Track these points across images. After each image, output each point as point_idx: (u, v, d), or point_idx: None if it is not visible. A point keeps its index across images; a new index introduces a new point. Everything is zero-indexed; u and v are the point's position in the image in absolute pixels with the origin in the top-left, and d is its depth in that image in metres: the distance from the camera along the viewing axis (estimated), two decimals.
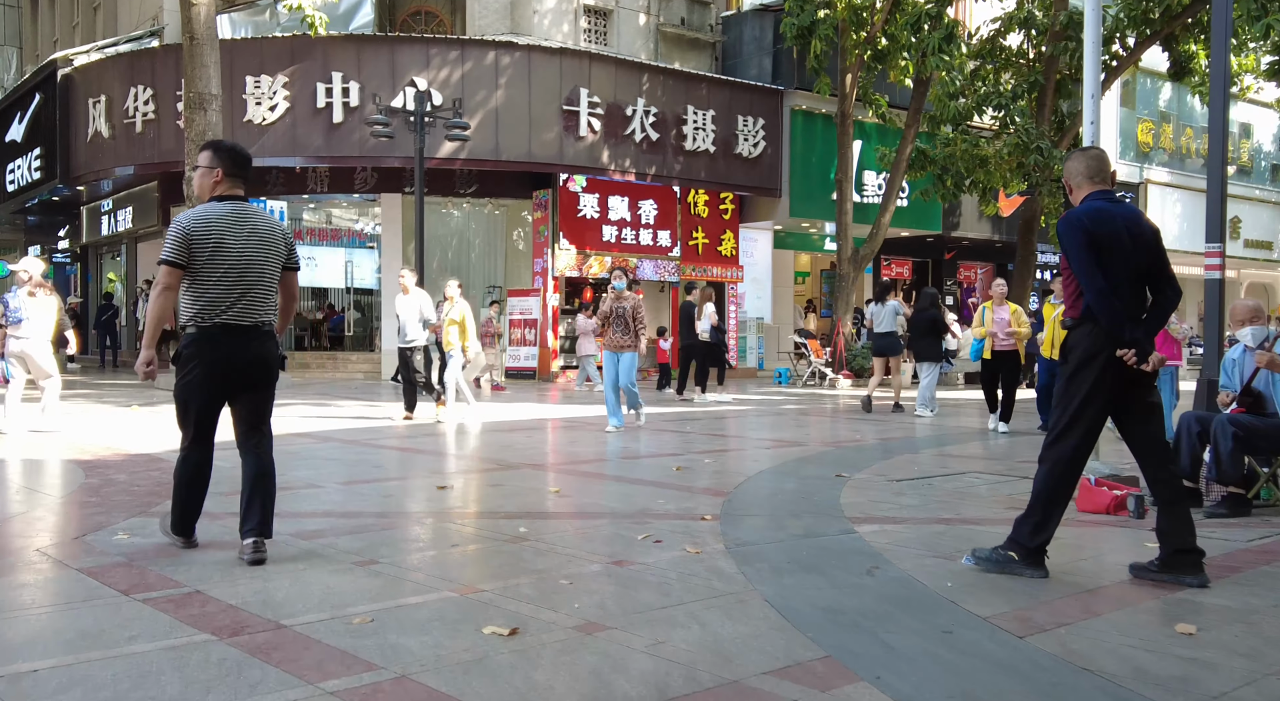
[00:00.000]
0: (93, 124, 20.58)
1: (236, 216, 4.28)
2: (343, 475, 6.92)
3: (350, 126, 18.79)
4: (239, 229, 4.25)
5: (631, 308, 10.14)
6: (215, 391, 4.32)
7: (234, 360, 4.27)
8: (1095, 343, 3.94)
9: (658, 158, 20.65)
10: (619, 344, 10.10)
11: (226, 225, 4.23)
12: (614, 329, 10.09)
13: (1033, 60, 21.08)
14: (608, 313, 10.17)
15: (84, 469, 7.11)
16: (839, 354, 19.27)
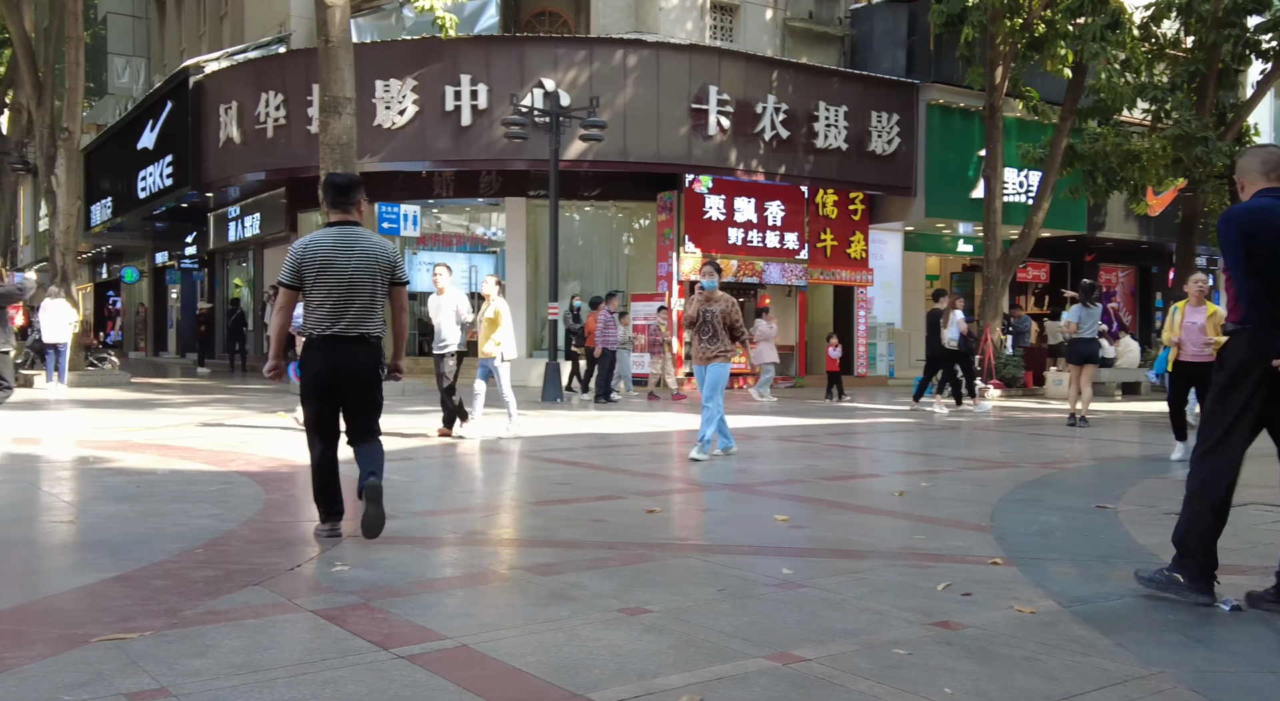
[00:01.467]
0: (224, 130, 20.80)
1: (342, 239, 4.72)
2: (525, 493, 6.40)
3: (478, 129, 18.54)
4: (344, 251, 4.68)
5: (722, 311, 8.31)
6: (325, 396, 4.78)
7: (338, 368, 4.72)
8: (1252, 351, 3.71)
9: (787, 156, 19.89)
10: (708, 354, 8.33)
11: (332, 248, 4.68)
12: (701, 336, 8.40)
13: (1192, 49, 19.64)
14: (694, 317, 8.41)
15: (258, 482, 6.75)
16: (987, 362, 18.19)
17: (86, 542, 4.78)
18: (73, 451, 8.45)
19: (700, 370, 8.44)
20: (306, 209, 22.58)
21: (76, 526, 5.22)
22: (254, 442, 9.22)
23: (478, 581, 4.03)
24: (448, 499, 6.33)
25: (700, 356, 8.42)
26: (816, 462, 8.44)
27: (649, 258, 20.82)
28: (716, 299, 8.40)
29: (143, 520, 5.37)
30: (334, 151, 16.15)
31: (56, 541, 4.93)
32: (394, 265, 4.83)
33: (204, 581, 4.00)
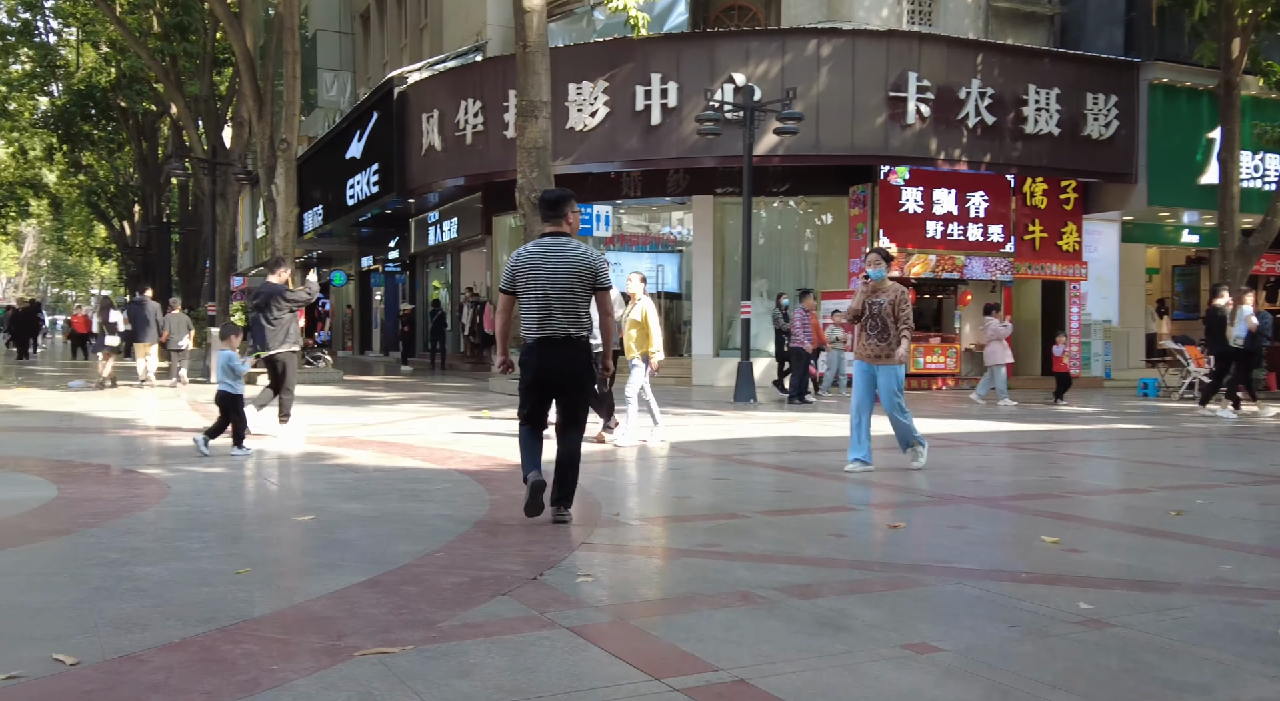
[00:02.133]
0: (425, 138, 21.57)
1: (549, 249, 5.17)
2: (747, 501, 6.08)
3: (668, 128, 18.41)
4: (551, 259, 5.13)
5: (891, 302, 7.34)
6: (538, 390, 5.23)
7: (548, 366, 5.15)
8: None
9: (993, 143, 18.75)
10: (876, 351, 7.37)
11: (541, 257, 5.15)
12: (868, 331, 7.44)
13: None
14: (859, 310, 7.50)
15: (479, 482, 6.73)
16: None
17: (330, 542, 4.79)
18: (300, 447, 8.76)
19: (864, 369, 7.42)
20: (501, 212, 23.16)
21: (317, 524, 5.28)
22: (465, 441, 9.32)
23: (732, 602, 3.72)
24: (668, 505, 6.09)
25: (866, 353, 7.44)
26: (1060, 474, 7.72)
27: (839, 254, 20.13)
28: (884, 289, 7.45)
29: (378, 520, 5.39)
30: (530, 155, 16.39)
31: (301, 540, 4.98)
32: (596, 271, 5.20)
33: (452, 589, 3.88)
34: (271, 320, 9.16)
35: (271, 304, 9.17)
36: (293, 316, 9.33)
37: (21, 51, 38.63)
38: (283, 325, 9.20)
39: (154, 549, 4.60)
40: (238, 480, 6.97)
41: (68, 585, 3.91)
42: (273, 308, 9.17)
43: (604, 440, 9.24)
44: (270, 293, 9.20)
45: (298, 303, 9.36)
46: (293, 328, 9.33)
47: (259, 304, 9.23)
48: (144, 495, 6.25)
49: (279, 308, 9.19)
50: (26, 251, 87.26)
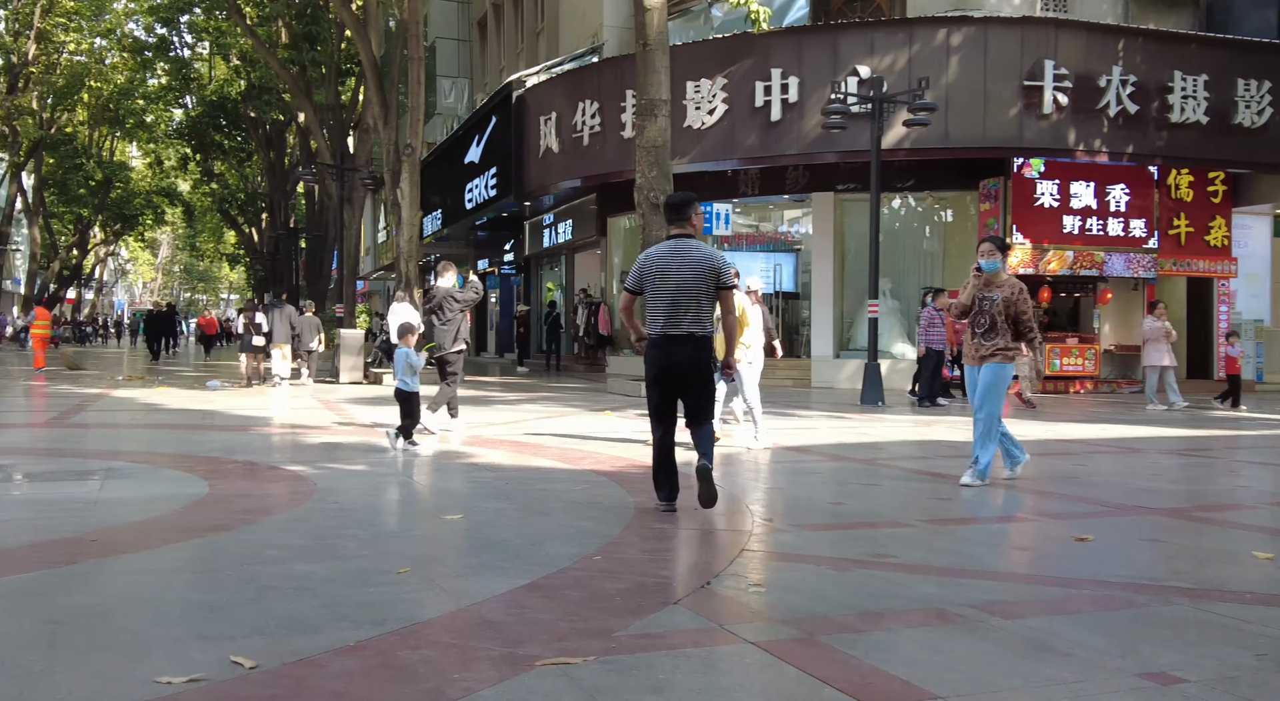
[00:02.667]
0: (543, 140, 21.69)
1: (674, 251, 5.38)
2: (907, 507, 5.73)
3: (788, 123, 18.03)
4: (676, 260, 5.34)
5: (1005, 298, 6.55)
6: (662, 385, 5.44)
7: (671, 362, 5.36)
8: None
9: (1136, 133, 17.75)
10: (981, 351, 6.60)
11: (667, 259, 5.36)
12: (975, 329, 6.67)
13: None
14: (968, 305, 6.71)
15: (617, 483, 6.55)
16: None
17: (485, 543, 4.67)
18: (435, 446, 8.77)
19: (971, 372, 6.70)
20: (616, 214, 23.13)
21: (467, 523, 5.17)
22: (593, 442, 9.19)
23: (927, 619, 3.42)
24: (821, 511, 5.78)
25: (971, 354, 6.68)
26: (1245, 483, 7.10)
27: (965, 251, 19.36)
28: (999, 284, 6.64)
29: (527, 519, 5.25)
30: (649, 154, 16.23)
31: (454, 539, 4.88)
32: (719, 272, 5.36)
33: (619, 596, 3.68)
34: (444, 320, 9.50)
35: (444, 305, 9.50)
36: (463, 316, 9.71)
37: (158, 66, 40.68)
38: (454, 325, 9.54)
39: (313, 546, 4.55)
40: (379, 477, 6.97)
41: (236, 583, 3.87)
42: (445, 309, 9.51)
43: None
44: (442, 294, 9.54)
45: (467, 303, 9.72)
46: (463, 327, 9.72)
47: (432, 307, 9.59)
48: (292, 492, 6.28)
49: (450, 308, 9.52)
50: (161, 257, 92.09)
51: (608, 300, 23.73)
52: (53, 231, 48.80)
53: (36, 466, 7.35)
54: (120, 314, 78.03)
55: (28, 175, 43.45)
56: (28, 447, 8.54)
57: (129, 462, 7.59)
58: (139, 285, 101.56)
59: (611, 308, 23.78)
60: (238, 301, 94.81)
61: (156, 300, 33.49)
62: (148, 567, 4.15)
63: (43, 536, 4.77)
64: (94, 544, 4.65)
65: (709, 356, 5.44)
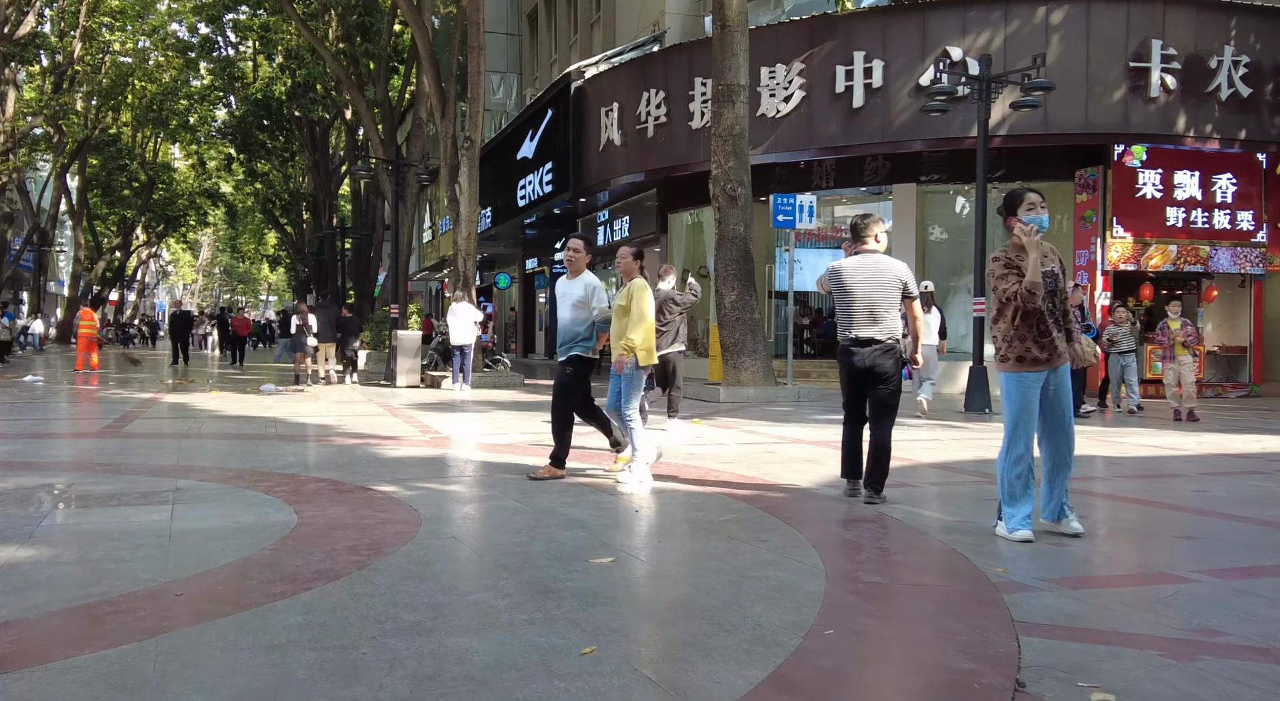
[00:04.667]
0: (604, 132, 20.75)
1: (866, 263, 5.85)
2: (1177, 553, 4.67)
3: (871, 110, 16.95)
4: (866, 271, 5.80)
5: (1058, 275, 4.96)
6: (852, 384, 5.94)
7: (859, 364, 5.81)
8: None
9: (1249, 118, 16.48)
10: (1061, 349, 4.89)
11: (854, 270, 5.86)
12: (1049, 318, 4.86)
13: None
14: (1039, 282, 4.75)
15: (762, 509, 5.56)
16: None
17: (667, 603, 3.71)
18: (531, 459, 7.81)
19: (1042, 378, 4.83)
20: (678, 209, 22.15)
21: (628, 573, 4.19)
22: (702, 454, 8.21)
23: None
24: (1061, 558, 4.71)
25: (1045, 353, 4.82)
26: None
27: (1062, 245, 18.14)
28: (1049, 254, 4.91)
29: (698, 566, 4.28)
30: (726, 143, 15.25)
31: (629, 598, 3.89)
32: (904, 282, 5.84)
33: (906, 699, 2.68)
34: (664, 323, 9.62)
35: (664, 308, 9.59)
36: (682, 318, 9.92)
37: (202, 65, 40.26)
38: (673, 327, 9.78)
39: (454, 605, 3.60)
40: (486, 501, 6.02)
41: (379, 668, 2.92)
42: (665, 312, 9.61)
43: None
44: (662, 298, 9.64)
45: (687, 306, 9.89)
46: (682, 329, 9.93)
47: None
48: (394, 521, 5.35)
49: (669, 311, 9.68)
50: (202, 259, 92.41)
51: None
52: (96, 233, 48.65)
53: (95, 486, 6.48)
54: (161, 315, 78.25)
55: (72, 177, 43.27)
56: (82, 461, 7.70)
57: (199, 481, 6.71)
58: (179, 287, 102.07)
59: None
60: (276, 303, 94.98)
61: (177, 301, 32.82)
62: (258, 642, 3.21)
63: (116, 586, 3.87)
64: (180, 598, 3.73)
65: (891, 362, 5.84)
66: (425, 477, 6.87)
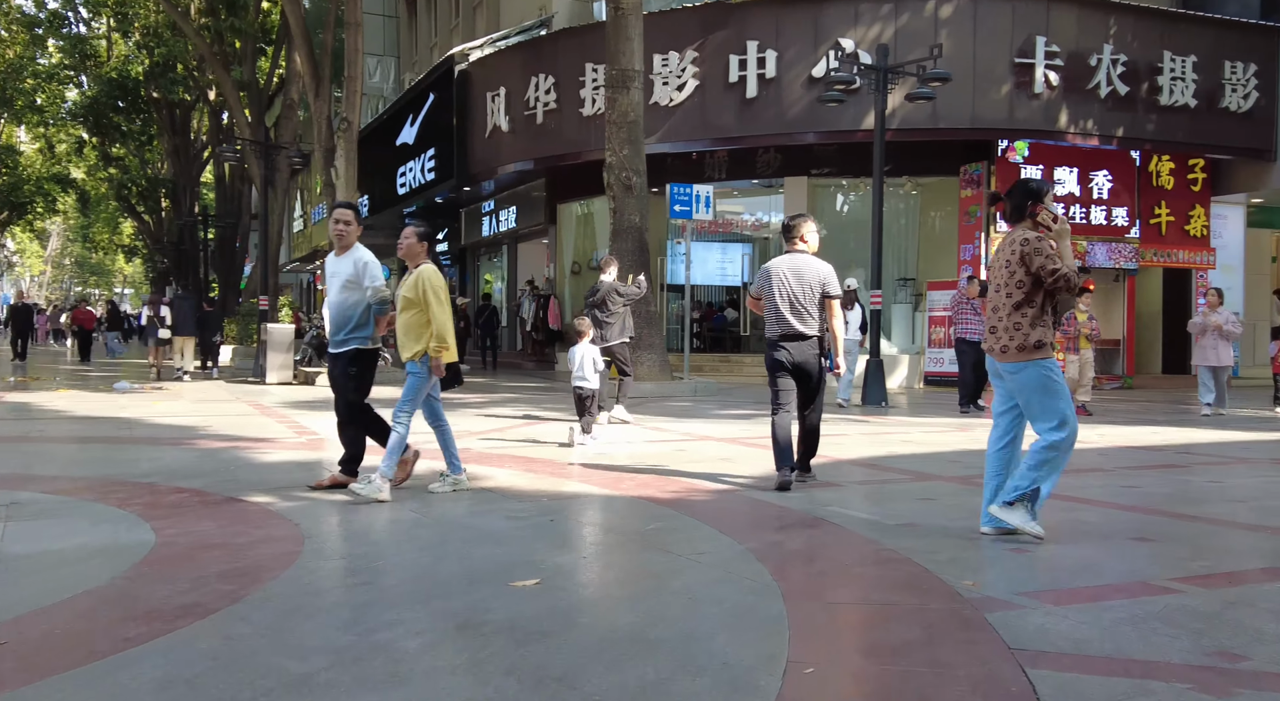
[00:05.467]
0: (491, 118, 19.97)
1: (792, 263, 6.11)
2: (1138, 558, 4.39)
3: (765, 101, 16.74)
4: (792, 270, 6.08)
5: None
6: (779, 378, 6.10)
7: (785, 359, 6.06)
8: None
9: (1126, 116, 16.97)
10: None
11: (780, 269, 6.12)
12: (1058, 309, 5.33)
13: None
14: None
15: (687, 513, 5.08)
16: None
17: (616, 635, 3.15)
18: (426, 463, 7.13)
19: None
20: (568, 199, 21.56)
21: (559, 599, 3.63)
22: (613, 453, 7.68)
23: None
24: (1030, 567, 4.37)
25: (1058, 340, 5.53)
26: None
27: (947, 241, 18.38)
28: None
29: (638, 587, 3.75)
30: (621, 130, 14.75)
31: (570, 634, 3.32)
32: (825, 282, 6.05)
33: None
34: (608, 314, 9.69)
35: (607, 300, 9.70)
36: (626, 310, 9.93)
37: (49, 43, 37.32)
38: (619, 319, 9.81)
39: (354, 649, 2.96)
40: (383, 512, 5.34)
41: None
42: (609, 303, 9.71)
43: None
44: (607, 290, 9.75)
45: (631, 297, 9.93)
46: (627, 321, 9.97)
47: (595, 302, 9.75)
48: (273, 539, 4.64)
49: (614, 303, 9.74)
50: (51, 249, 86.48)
51: (558, 292, 22.13)
52: None
53: None
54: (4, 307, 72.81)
55: None
56: None
57: (40, 493, 5.80)
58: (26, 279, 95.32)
59: (562, 300, 22.19)
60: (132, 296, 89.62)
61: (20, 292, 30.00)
62: None
63: None
64: (4, 648, 2.98)
65: (816, 356, 6.12)
66: (306, 487, 6.12)
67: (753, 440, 8.82)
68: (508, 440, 8.65)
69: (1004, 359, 4.56)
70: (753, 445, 8.44)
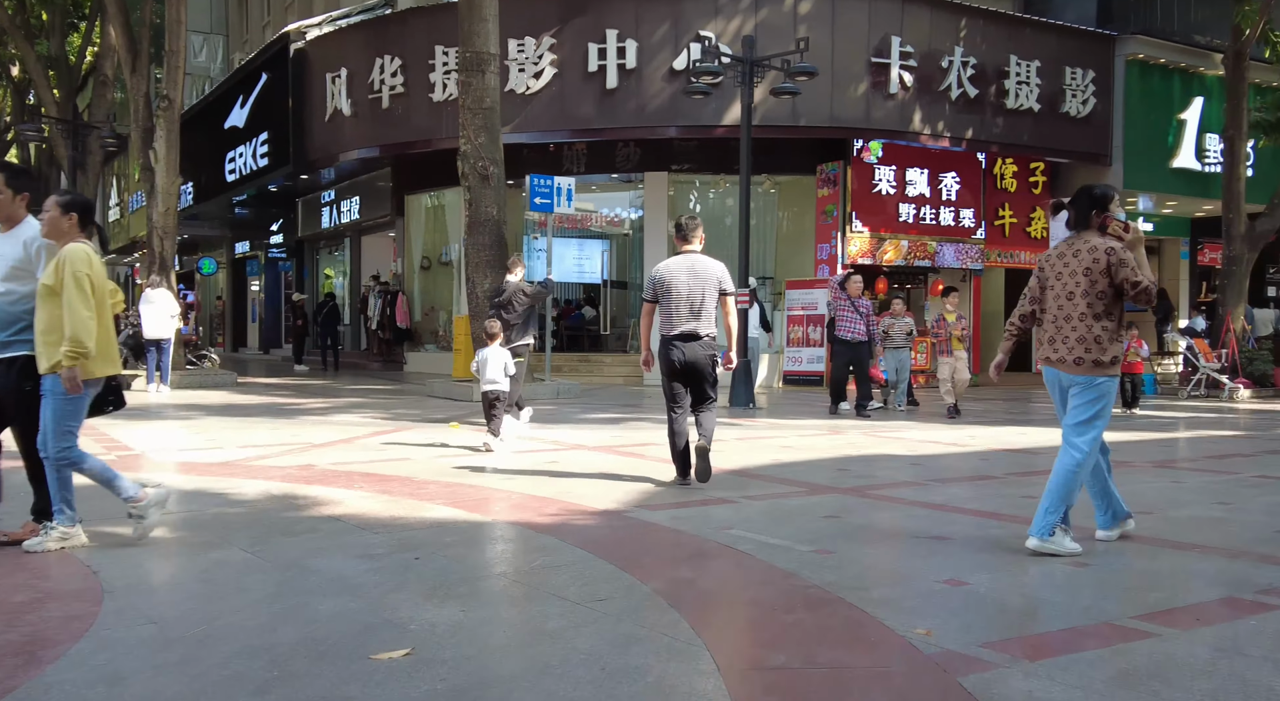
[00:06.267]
0: (331, 101, 18.64)
1: (687, 263, 6.21)
2: (1108, 587, 4.00)
3: (625, 93, 16.20)
4: (687, 270, 6.16)
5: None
6: (674, 377, 6.23)
7: (680, 358, 6.13)
8: None
9: (975, 118, 17.31)
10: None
11: (677, 269, 6.19)
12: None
13: None
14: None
15: (583, 547, 4.42)
16: (1232, 357, 15.52)
17: None
18: (260, 484, 6.17)
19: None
20: (416, 190, 20.45)
21: (423, 665, 2.88)
22: (473, 471, 6.91)
23: None
24: (980, 604, 3.91)
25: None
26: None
27: (805, 239, 18.34)
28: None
29: (537, 655, 3.05)
30: (476, 116, 13.87)
31: None
32: (721, 281, 6.13)
33: None
34: (513, 315, 9.51)
35: (514, 300, 9.55)
36: (531, 311, 9.80)
37: None
38: (523, 319, 9.63)
39: None
40: (206, 553, 4.42)
41: None
42: (514, 304, 9.54)
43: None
44: (513, 289, 9.60)
45: (537, 298, 9.80)
46: (531, 321, 9.86)
47: (501, 302, 9.61)
48: (61, 595, 3.69)
49: (519, 303, 9.56)
50: None
51: (406, 288, 20.96)
52: None
53: None
54: None
55: None
56: None
57: None
58: None
59: (411, 297, 21.04)
60: None
61: None
62: None
63: None
64: None
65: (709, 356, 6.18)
66: (110, 519, 5.07)
67: (628, 448, 8.21)
68: (356, 456, 7.72)
69: (1077, 371, 4.42)
70: (629, 454, 7.84)
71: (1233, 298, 15.77)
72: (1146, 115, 18.55)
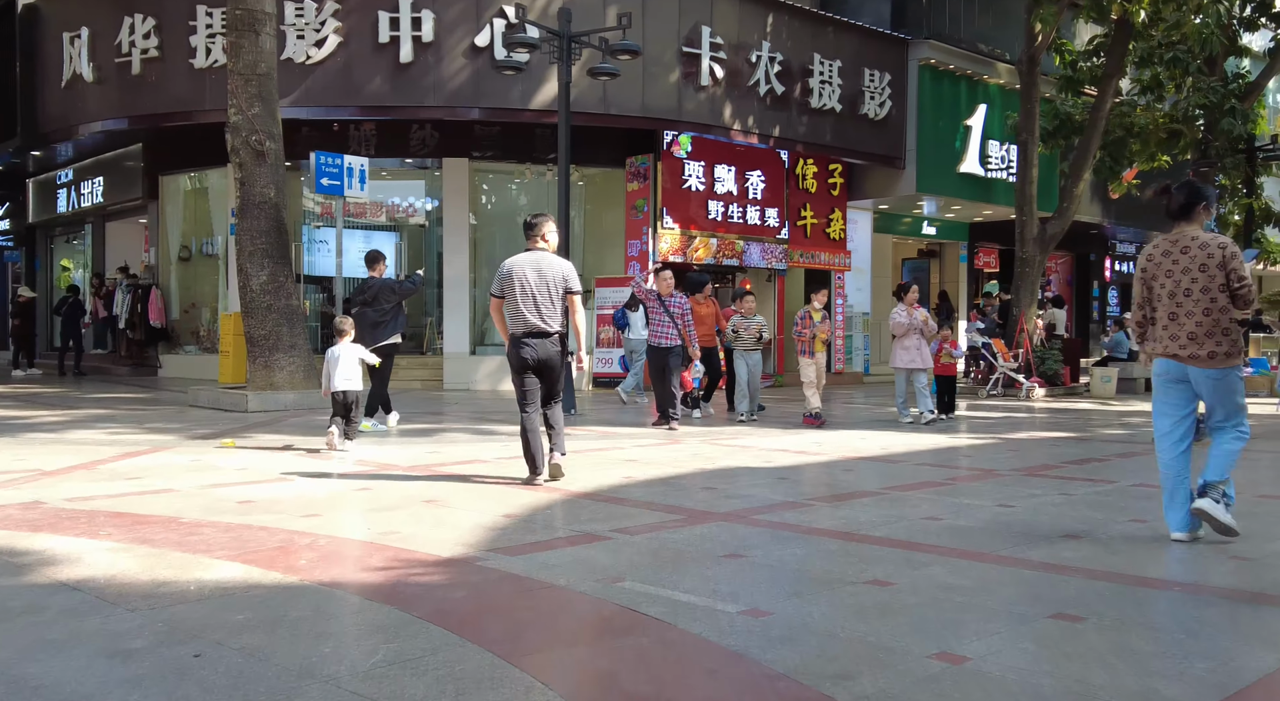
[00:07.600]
0: (69, 65, 16.00)
1: (534, 260, 6.21)
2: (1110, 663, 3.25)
3: (422, 68, 14.78)
4: (534, 268, 6.16)
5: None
6: (524, 374, 6.20)
7: (530, 355, 6.12)
8: None
9: (781, 116, 17.10)
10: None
11: (525, 266, 6.18)
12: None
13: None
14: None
15: (441, 625, 3.26)
16: (1026, 356, 16.02)
17: None
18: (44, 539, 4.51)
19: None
20: (172, 170, 18.03)
21: None
22: (261, 502, 5.51)
23: None
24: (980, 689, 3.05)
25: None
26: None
27: (614, 235, 17.52)
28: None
29: None
30: (249, 84, 12.07)
31: None
32: (567, 279, 6.23)
33: None
34: (381, 313, 9.24)
35: (380, 297, 9.27)
36: (399, 309, 9.49)
37: None
38: (391, 316, 9.35)
39: None
40: None
41: None
42: (381, 301, 9.26)
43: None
44: (379, 286, 9.33)
45: (405, 295, 9.56)
46: (400, 319, 9.53)
47: (366, 299, 9.29)
48: None
49: (387, 301, 9.30)
50: None
51: (161, 282, 18.43)
52: None
53: None
54: None
55: None
56: None
57: None
58: None
59: (167, 292, 18.52)
60: None
61: None
62: None
63: None
64: None
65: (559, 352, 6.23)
66: None
67: (450, 468, 6.99)
68: (102, 488, 6.06)
69: (1212, 364, 4.52)
70: (454, 476, 6.62)
71: (1026, 298, 16.33)
72: (936, 120, 19.06)
